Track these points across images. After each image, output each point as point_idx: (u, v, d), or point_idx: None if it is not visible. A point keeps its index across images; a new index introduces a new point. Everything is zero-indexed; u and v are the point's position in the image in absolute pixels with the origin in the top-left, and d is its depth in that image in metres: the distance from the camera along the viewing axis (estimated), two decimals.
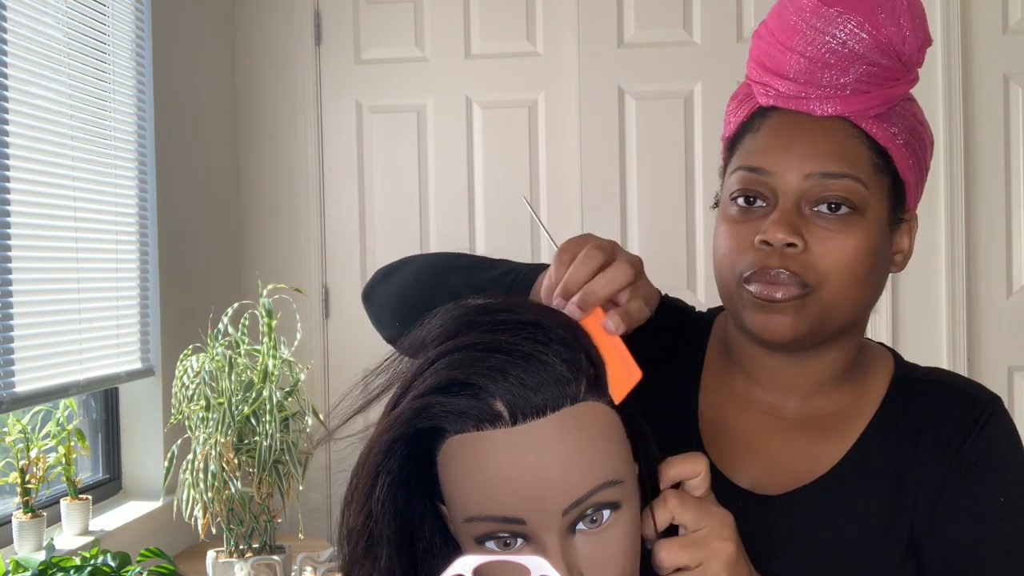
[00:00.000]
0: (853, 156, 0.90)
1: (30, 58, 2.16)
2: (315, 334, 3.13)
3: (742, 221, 0.92)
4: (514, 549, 0.71)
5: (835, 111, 0.90)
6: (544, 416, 0.70)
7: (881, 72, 0.89)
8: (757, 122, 0.94)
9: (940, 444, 0.94)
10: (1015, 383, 2.95)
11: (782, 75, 0.91)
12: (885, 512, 0.94)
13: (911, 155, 0.93)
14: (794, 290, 0.89)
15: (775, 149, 0.91)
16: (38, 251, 2.20)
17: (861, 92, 0.90)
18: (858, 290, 0.91)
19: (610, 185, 3.08)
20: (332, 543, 2.73)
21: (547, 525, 0.70)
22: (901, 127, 0.92)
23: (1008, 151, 2.97)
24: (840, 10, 0.88)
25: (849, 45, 0.88)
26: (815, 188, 0.89)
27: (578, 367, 0.72)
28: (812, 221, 0.89)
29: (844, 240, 0.89)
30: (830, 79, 0.89)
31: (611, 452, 0.72)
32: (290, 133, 3.19)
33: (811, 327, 0.90)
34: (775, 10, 0.94)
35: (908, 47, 0.89)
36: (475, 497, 0.70)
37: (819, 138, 0.90)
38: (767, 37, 0.93)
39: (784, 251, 0.88)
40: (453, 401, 0.70)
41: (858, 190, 0.89)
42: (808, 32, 0.89)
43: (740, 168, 0.93)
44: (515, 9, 3.13)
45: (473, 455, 0.70)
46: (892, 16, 0.88)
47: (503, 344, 0.71)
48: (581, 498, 0.70)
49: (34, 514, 2.12)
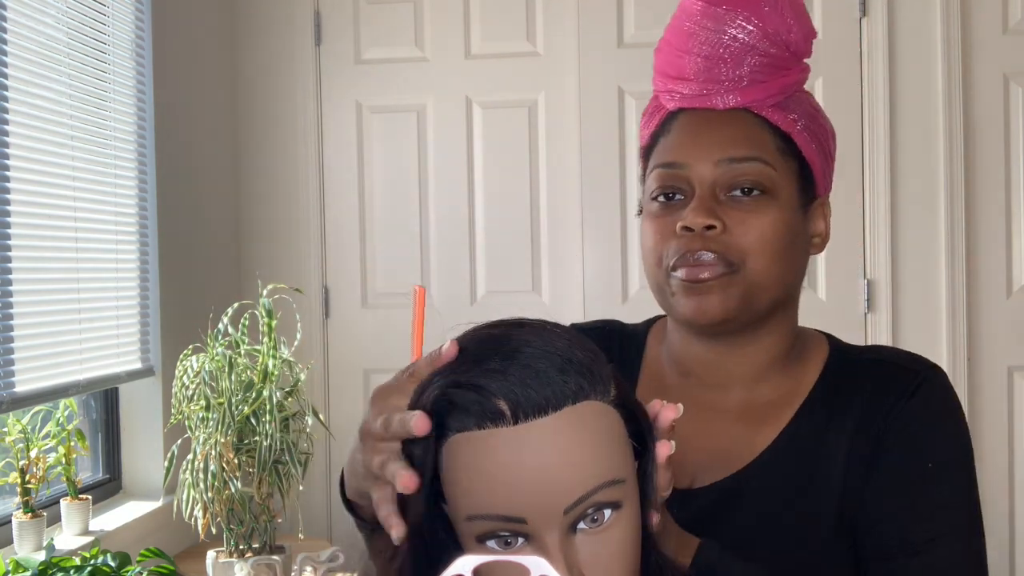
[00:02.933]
0: (758, 140, 0.96)
1: (30, 58, 2.16)
2: (315, 334, 3.13)
3: (664, 215, 0.97)
4: (515, 548, 0.71)
5: (736, 102, 0.97)
6: (546, 415, 0.70)
7: (773, 61, 0.96)
8: (667, 126, 1.00)
9: (868, 415, 0.96)
10: (1015, 383, 2.95)
11: (683, 78, 0.98)
12: (814, 490, 0.95)
13: (813, 140, 0.99)
14: (719, 269, 0.94)
15: (686, 144, 0.97)
16: (38, 251, 2.20)
17: (758, 82, 0.96)
18: (780, 266, 0.96)
19: (610, 185, 3.08)
20: (332, 543, 2.73)
21: (548, 524, 0.70)
22: (800, 114, 0.98)
23: (1008, 151, 2.97)
24: (727, 8, 0.96)
25: (740, 39, 0.95)
26: (727, 173, 0.95)
27: (578, 367, 0.72)
28: (728, 205, 0.95)
29: (760, 219, 0.95)
30: (727, 73, 0.96)
31: (612, 451, 0.72)
32: (290, 133, 3.19)
33: (739, 304, 0.95)
34: (670, 23, 1.03)
35: (794, 36, 0.96)
36: (476, 496, 0.71)
37: (725, 128, 0.97)
38: (666, 48, 1.01)
39: (705, 234, 0.94)
40: (456, 399, 0.71)
41: (767, 172, 0.95)
42: (701, 33, 0.96)
43: (656, 166, 0.99)
44: (515, 9, 3.13)
45: (475, 453, 0.70)
46: (775, 9, 0.96)
47: (503, 349, 0.72)
48: (582, 497, 0.70)
49: (34, 514, 2.12)
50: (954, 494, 0.95)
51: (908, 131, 2.98)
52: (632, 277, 3.07)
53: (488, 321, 0.77)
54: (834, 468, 0.95)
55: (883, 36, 2.96)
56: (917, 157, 2.98)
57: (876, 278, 3.00)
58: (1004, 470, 2.91)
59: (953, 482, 0.95)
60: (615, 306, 3.02)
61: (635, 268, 3.07)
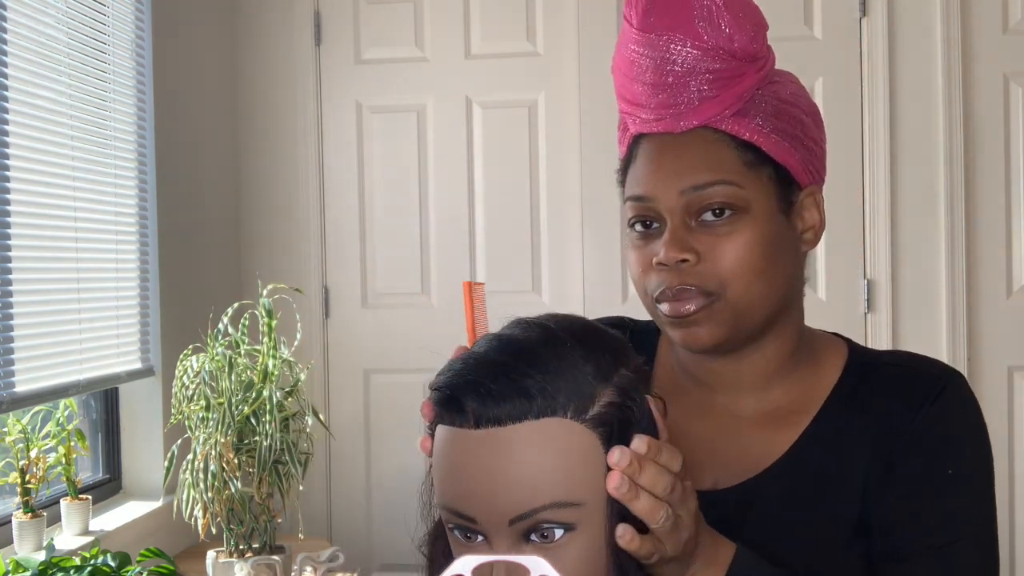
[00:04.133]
0: (721, 160, 0.93)
1: (30, 58, 2.16)
2: (315, 334, 3.13)
3: (643, 245, 0.97)
4: (474, 544, 0.74)
5: (692, 124, 0.94)
6: (502, 425, 0.72)
7: (720, 75, 0.93)
8: (634, 151, 1.00)
9: (888, 420, 0.95)
10: (1015, 383, 2.95)
11: (638, 103, 0.97)
12: (833, 494, 0.95)
13: (784, 138, 0.95)
14: (700, 300, 0.93)
15: (649, 175, 0.96)
16: (38, 251, 2.20)
17: (709, 99, 0.93)
18: (762, 283, 0.94)
19: (610, 185, 3.06)
20: (332, 543, 2.74)
21: (495, 530, 0.73)
22: (763, 115, 0.95)
23: (1008, 151, 2.97)
24: (659, 34, 0.93)
25: (680, 62, 0.92)
26: (693, 201, 0.93)
27: (551, 390, 0.72)
28: (700, 231, 0.93)
29: (733, 241, 0.92)
30: (676, 98, 0.93)
31: (573, 472, 0.72)
32: (290, 133, 3.19)
33: (728, 330, 0.94)
34: (617, 46, 1.01)
35: (738, 44, 0.92)
36: (441, 486, 0.75)
37: (685, 153, 0.94)
38: (617, 71, 1.00)
39: (680, 267, 0.93)
40: (444, 393, 0.75)
41: (732, 192, 0.93)
42: (641, 61, 0.95)
43: (628, 199, 0.99)
44: (515, 9, 3.13)
45: (444, 447, 0.75)
46: (710, 23, 0.92)
47: (496, 357, 0.74)
48: (528, 512, 0.71)
49: (34, 514, 2.12)
50: (973, 502, 0.95)
51: (908, 131, 2.98)
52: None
53: (520, 319, 0.79)
54: (855, 472, 0.95)
55: (883, 36, 2.96)
56: (917, 157, 2.98)
57: (876, 278, 3.00)
58: (1004, 470, 2.91)
59: (972, 490, 0.95)
60: (615, 306, 3.02)
61: None
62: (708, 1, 0.92)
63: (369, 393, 3.15)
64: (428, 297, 3.17)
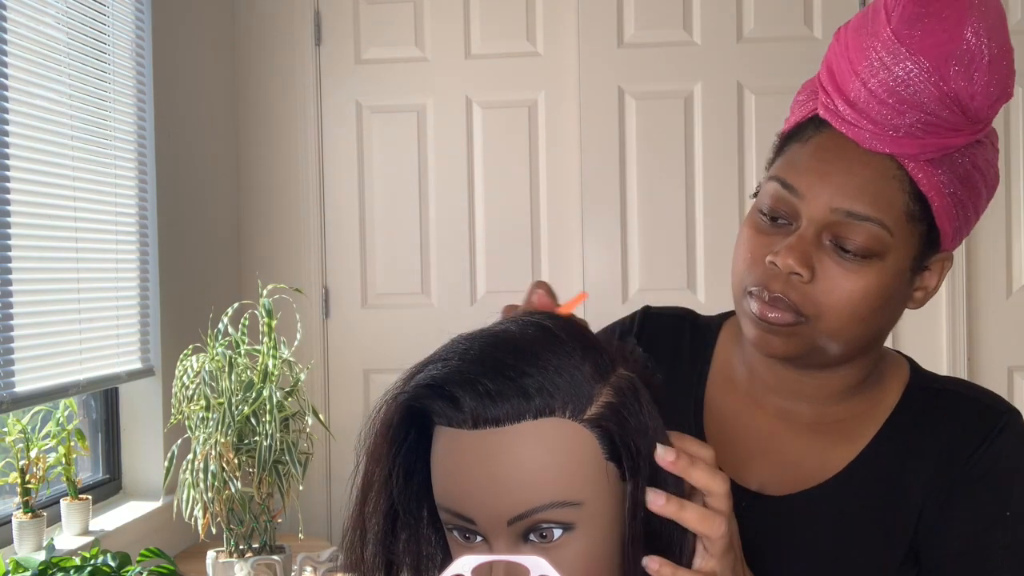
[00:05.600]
0: (886, 200, 0.87)
1: (30, 58, 2.16)
2: (315, 334, 3.13)
3: (763, 233, 0.91)
4: (472, 544, 0.74)
5: (884, 149, 0.87)
6: (501, 426, 0.71)
7: (940, 123, 0.85)
8: (810, 131, 0.92)
9: (949, 453, 0.93)
10: (1015, 383, 2.95)
11: (843, 95, 0.88)
12: (888, 518, 0.93)
13: (955, 205, 0.89)
14: (788, 317, 0.89)
15: (813, 172, 0.89)
16: (38, 251, 2.20)
17: (914, 136, 0.86)
18: (858, 328, 0.90)
19: (610, 185, 3.08)
20: (332, 543, 2.73)
21: (494, 531, 0.72)
22: (952, 175, 0.88)
23: (1008, 151, 2.97)
24: (911, 51, 0.84)
25: (912, 89, 0.84)
26: (838, 225, 0.87)
27: (550, 389, 0.72)
28: (827, 253, 0.88)
29: (854, 280, 0.87)
30: (884, 117, 0.86)
31: (571, 472, 0.72)
32: (290, 133, 3.19)
33: (803, 352, 0.91)
34: (859, 18, 0.90)
35: (977, 103, 0.85)
36: (441, 487, 0.74)
37: (857, 173, 0.87)
38: (843, 44, 0.90)
39: (789, 278, 0.88)
40: (435, 395, 0.73)
41: (881, 236, 0.87)
42: (875, 63, 0.85)
43: (777, 179, 0.91)
44: (515, 9, 3.13)
45: (444, 447, 0.74)
46: (966, 70, 0.84)
47: (484, 356, 0.73)
48: (527, 512, 0.71)
49: (34, 514, 2.12)
50: None
51: None
52: (632, 277, 3.07)
53: (517, 317, 0.78)
54: (911, 498, 0.93)
55: None
56: None
57: None
58: None
59: None
60: (615, 306, 3.01)
61: (635, 268, 3.07)
62: (977, 46, 0.83)
63: (369, 393, 3.15)
64: (428, 297, 3.18)
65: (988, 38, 0.84)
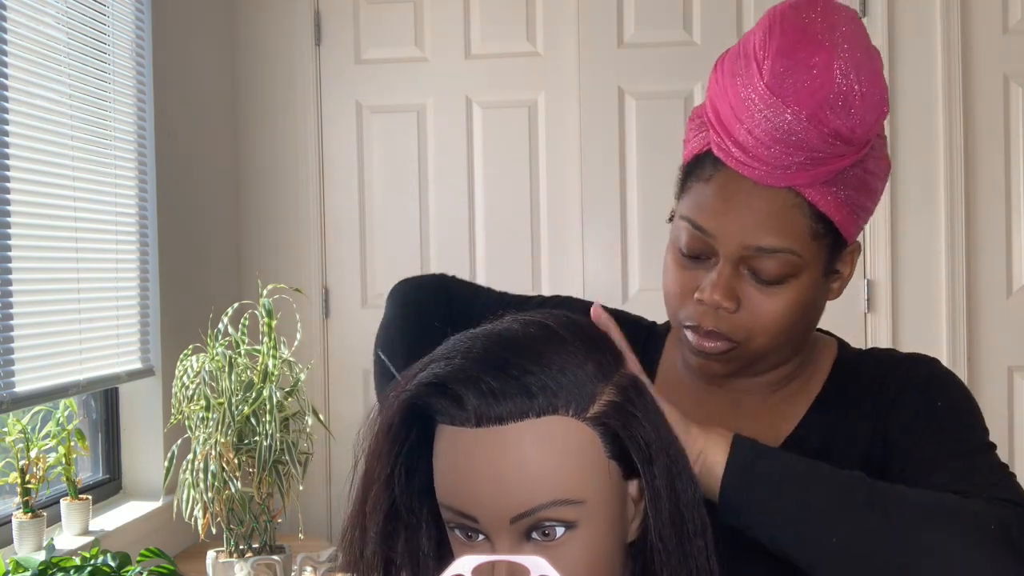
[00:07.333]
0: (790, 228, 0.92)
1: (30, 58, 2.16)
2: (315, 334, 3.13)
3: (686, 269, 0.98)
4: (475, 542, 0.74)
5: (779, 184, 0.92)
6: (504, 424, 0.71)
7: (826, 156, 0.90)
8: (708, 168, 0.96)
9: (879, 395, 0.99)
10: (1015, 383, 2.95)
11: (732, 138, 0.92)
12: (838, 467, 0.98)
13: (853, 211, 0.95)
14: (723, 345, 0.96)
15: (719, 212, 0.94)
16: (38, 251, 2.20)
17: (805, 169, 0.91)
18: (785, 337, 0.97)
19: (610, 185, 3.08)
20: (332, 543, 2.73)
21: (496, 529, 0.72)
22: (847, 187, 0.93)
23: (1008, 151, 2.97)
24: (787, 103, 0.88)
25: (795, 136, 0.89)
26: (751, 258, 0.93)
27: (553, 387, 0.72)
28: (747, 281, 0.95)
29: (775, 301, 0.94)
30: (774, 158, 0.90)
31: (574, 470, 0.72)
32: (290, 133, 3.19)
33: (741, 368, 0.99)
34: (732, 60, 0.94)
35: (858, 133, 0.90)
36: (443, 485, 0.74)
37: (759, 209, 0.92)
38: (722, 86, 0.94)
39: (717, 312, 0.95)
40: (438, 393, 0.74)
41: (792, 260, 0.93)
42: (756, 114, 0.90)
43: (688, 220, 0.97)
44: (515, 9, 3.13)
45: (446, 445, 0.74)
46: (843, 108, 0.88)
47: (487, 355, 0.73)
48: (529, 510, 0.71)
49: (34, 514, 2.12)
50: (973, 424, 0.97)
51: (908, 131, 2.98)
52: (632, 277, 3.07)
53: (516, 315, 0.79)
54: (850, 456, 0.98)
55: (883, 36, 2.96)
56: (917, 157, 2.98)
57: (876, 278, 3.00)
58: None
59: (971, 416, 0.98)
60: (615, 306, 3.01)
61: (635, 268, 3.07)
62: (848, 85, 0.88)
63: (369, 393, 3.14)
64: None
65: (856, 74, 0.88)
